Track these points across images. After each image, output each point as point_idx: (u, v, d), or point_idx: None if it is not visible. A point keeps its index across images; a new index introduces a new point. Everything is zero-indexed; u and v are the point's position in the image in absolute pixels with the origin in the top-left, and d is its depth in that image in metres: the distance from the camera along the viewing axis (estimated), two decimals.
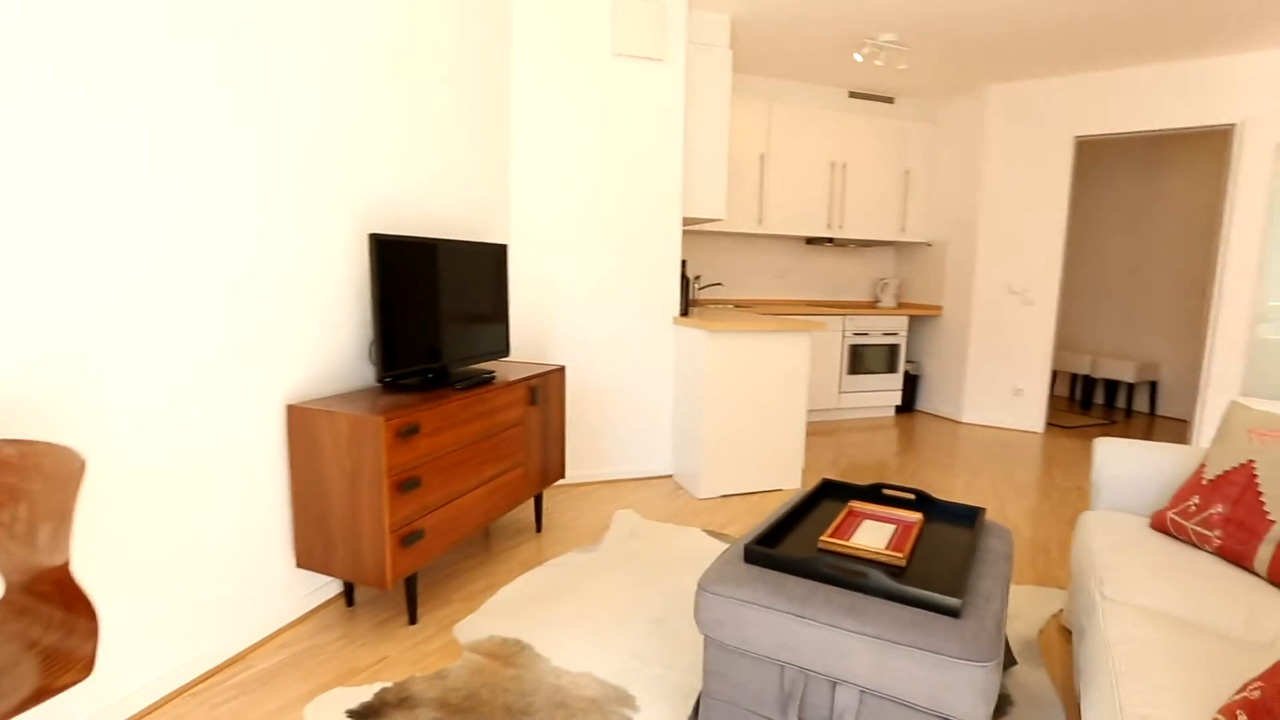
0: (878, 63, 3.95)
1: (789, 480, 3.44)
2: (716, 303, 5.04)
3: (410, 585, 2.06)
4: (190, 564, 1.74)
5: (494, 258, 2.69)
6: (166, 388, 1.65)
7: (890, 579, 1.32)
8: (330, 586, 2.22)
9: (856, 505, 1.80)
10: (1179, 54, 4.19)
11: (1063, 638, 2.07)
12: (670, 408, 3.59)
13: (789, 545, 1.60)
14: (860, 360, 5.11)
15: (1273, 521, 1.48)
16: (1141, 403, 5.95)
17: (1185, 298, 5.63)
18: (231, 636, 1.87)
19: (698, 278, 4.30)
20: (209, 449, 1.78)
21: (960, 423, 5.21)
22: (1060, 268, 4.81)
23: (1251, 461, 1.57)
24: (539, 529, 2.88)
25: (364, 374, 2.32)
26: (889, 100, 5.27)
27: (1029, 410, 5.00)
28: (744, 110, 4.67)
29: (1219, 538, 1.57)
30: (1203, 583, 1.42)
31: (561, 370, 2.87)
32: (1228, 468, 1.62)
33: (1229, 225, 4.28)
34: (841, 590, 1.35)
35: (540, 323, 3.31)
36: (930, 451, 4.30)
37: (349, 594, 2.18)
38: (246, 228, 1.85)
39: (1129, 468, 1.92)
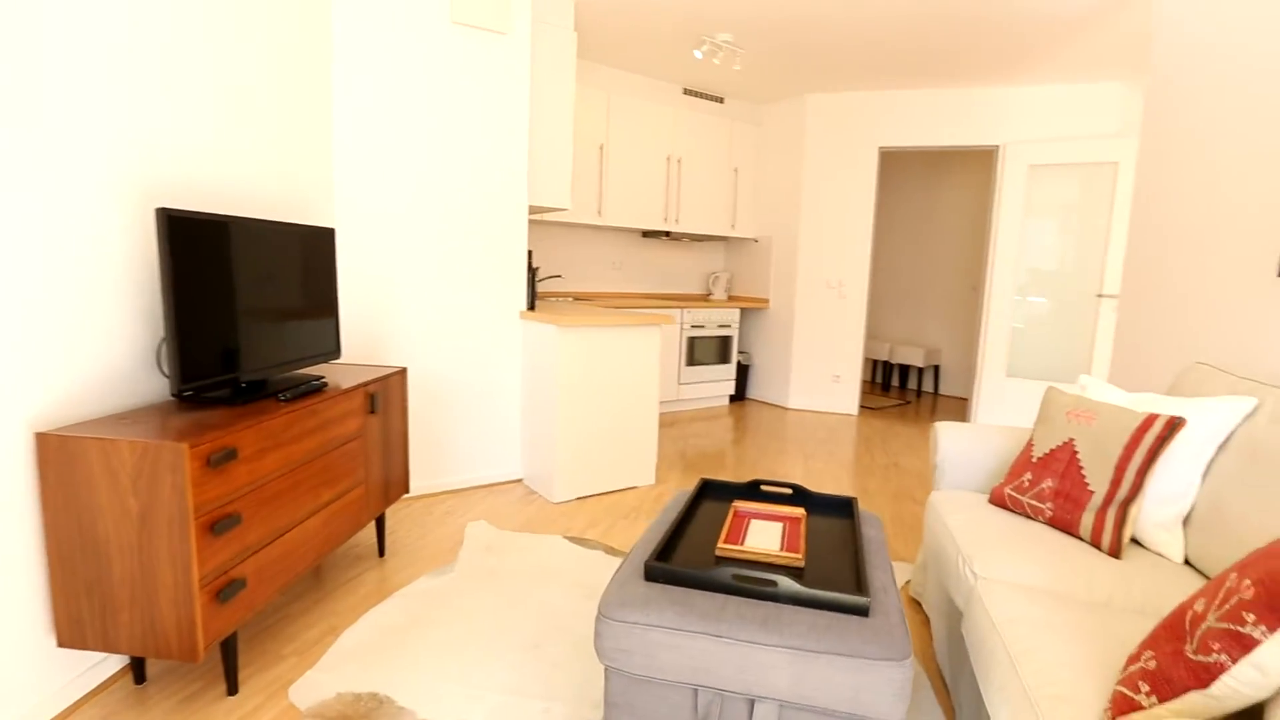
0: (715, 61, 4.03)
1: (644, 477, 3.40)
2: (556, 295, 4.88)
3: (228, 647, 1.69)
4: None
5: (320, 243, 2.31)
6: None
7: (797, 583, 1.29)
8: (110, 662, 1.76)
9: (740, 505, 1.77)
10: (961, 82, 4.78)
11: (913, 608, 2.23)
12: (519, 408, 3.38)
13: (685, 556, 1.52)
14: (697, 352, 5.25)
15: (1092, 492, 1.68)
16: (928, 384, 6.79)
17: (960, 292, 6.51)
18: None
19: (537, 269, 4.12)
20: None
21: (788, 409, 5.57)
22: (869, 265, 5.31)
23: (1072, 440, 1.77)
24: (382, 553, 2.55)
25: (153, 386, 1.86)
26: (719, 100, 5.45)
27: (846, 395, 5.47)
28: (585, 99, 4.55)
29: (1050, 509, 1.75)
30: (1048, 552, 1.57)
31: (403, 372, 2.55)
32: (1053, 446, 1.82)
33: (995, 232, 4.99)
34: (752, 601, 1.30)
35: (375, 318, 2.94)
36: (767, 438, 4.53)
37: (138, 668, 1.73)
38: None
39: (967, 449, 2.11)
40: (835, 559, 1.52)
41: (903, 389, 6.85)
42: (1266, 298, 1.99)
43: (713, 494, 1.94)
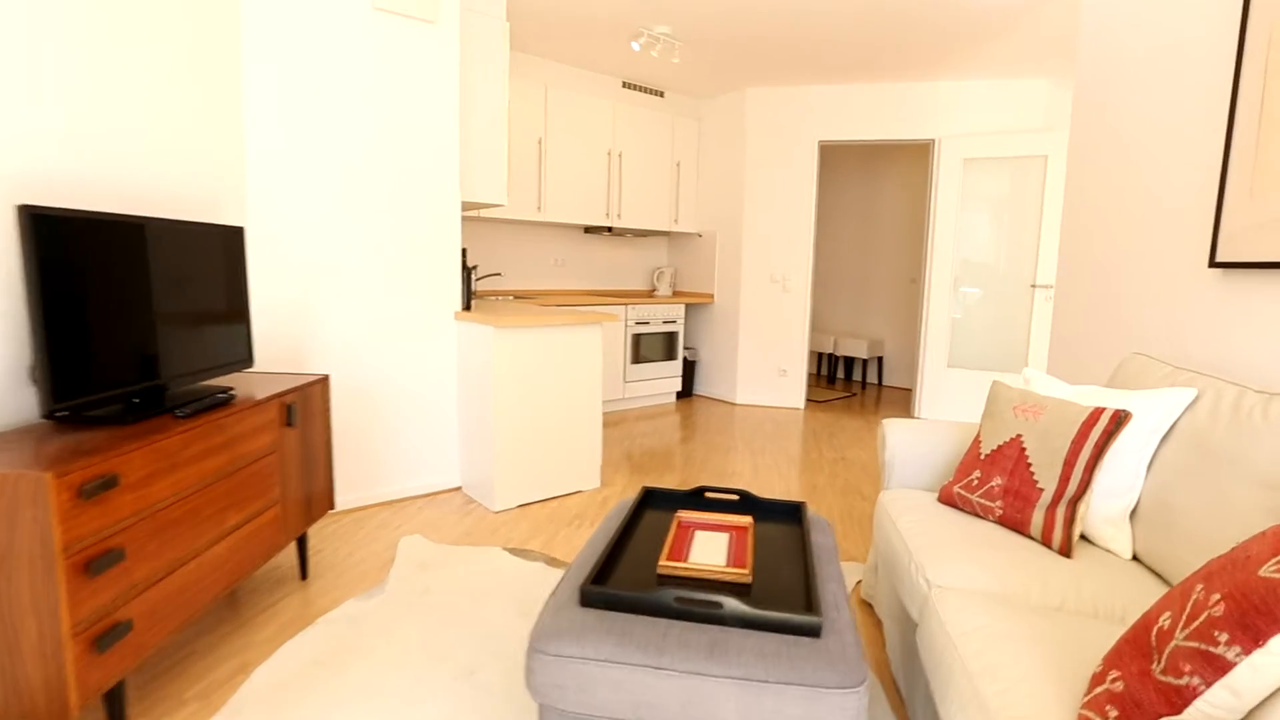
0: (654, 54, 3.93)
1: (588, 480, 3.29)
2: (496, 294, 4.71)
3: (114, 699, 1.50)
4: None
5: (226, 243, 2.11)
6: None
7: (743, 603, 1.20)
8: None
9: (684, 515, 1.67)
10: (897, 76, 4.82)
11: (865, 611, 2.19)
12: (456, 413, 3.22)
13: (625, 574, 1.42)
14: (642, 349, 5.15)
15: (1041, 489, 1.65)
16: (872, 375, 6.88)
17: (901, 284, 6.61)
18: None
19: (474, 267, 3.94)
20: None
21: (735, 404, 5.53)
22: (811, 258, 5.31)
23: (1020, 436, 1.74)
24: (305, 576, 2.36)
25: (21, 405, 1.64)
26: (659, 94, 5.36)
27: (792, 389, 5.47)
28: (521, 92, 4.38)
29: (1000, 508, 1.72)
30: (1000, 555, 1.52)
31: (324, 380, 2.37)
32: (1000, 442, 1.78)
33: (932, 224, 5.05)
34: (697, 626, 1.20)
35: (297, 323, 2.73)
36: (715, 435, 4.47)
37: None
38: None
39: (915, 446, 2.07)
40: (785, 571, 1.44)
41: (847, 381, 6.92)
42: (1199, 287, 2.01)
43: (656, 503, 1.84)
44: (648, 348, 5.19)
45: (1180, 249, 2.09)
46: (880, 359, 6.72)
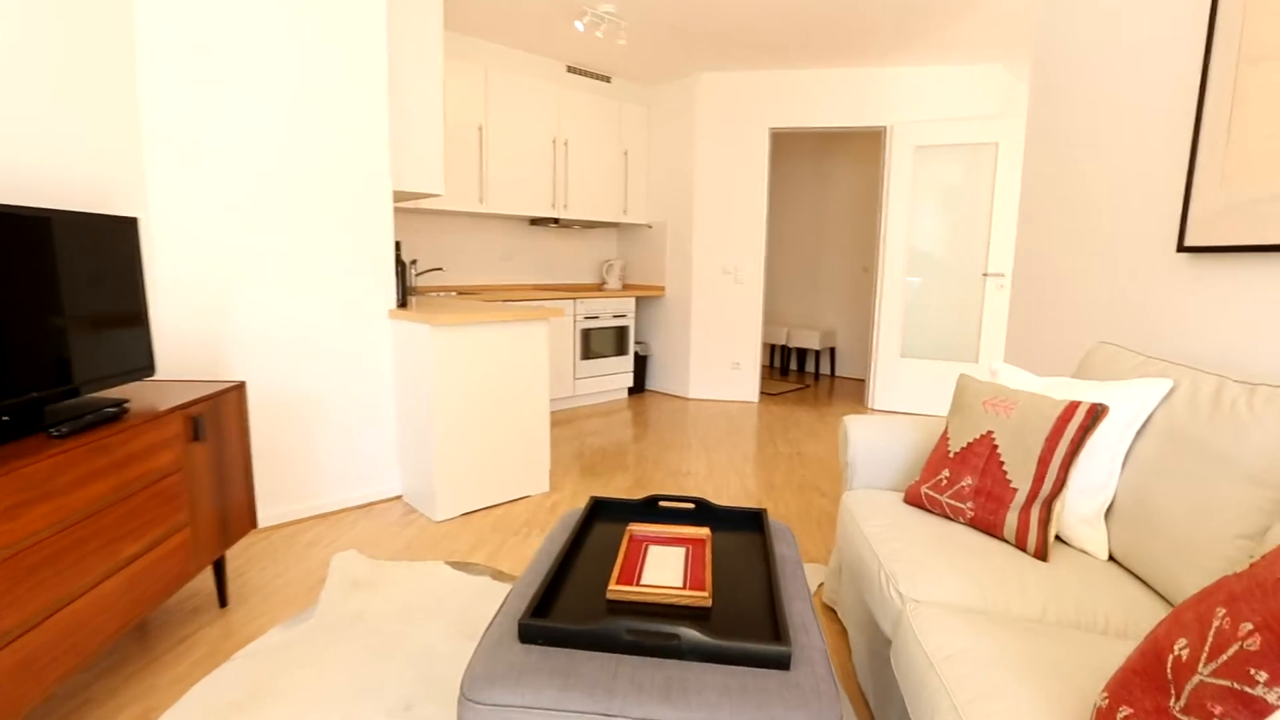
0: (599, 34, 3.76)
1: (536, 484, 3.12)
2: (438, 290, 4.48)
3: None
4: None
5: (115, 237, 1.86)
6: None
7: (703, 632, 1.07)
8: None
9: (636, 529, 1.53)
10: (849, 62, 4.76)
11: (828, 616, 2.09)
12: (394, 416, 3.00)
13: (570, 602, 1.27)
14: (592, 344, 4.99)
15: (1015, 489, 1.57)
16: (825, 366, 6.88)
17: (853, 274, 6.61)
18: None
19: (414, 262, 3.72)
20: None
21: (688, 399, 5.43)
22: (764, 249, 5.23)
23: (991, 432, 1.66)
24: (224, 603, 2.14)
25: None
26: (606, 79, 5.19)
27: (746, 382, 5.40)
28: (459, 74, 4.15)
29: (971, 509, 1.63)
30: (975, 562, 1.43)
31: (240, 388, 2.14)
32: (970, 439, 1.70)
33: (885, 213, 5.03)
34: (652, 661, 1.06)
35: (210, 326, 2.48)
36: (668, 432, 4.35)
37: None
38: None
39: (877, 443, 1.98)
40: (747, 590, 1.31)
41: (800, 372, 6.90)
42: (1168, 273, 1.97)
43: (606, 514, 1.69)
44: (598, 343, 5.03)
45: (1147, 234, 2.05)
46: (833, 350, 6.72)
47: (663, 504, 1.70)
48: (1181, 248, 1.94)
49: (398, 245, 2.97)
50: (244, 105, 2.47)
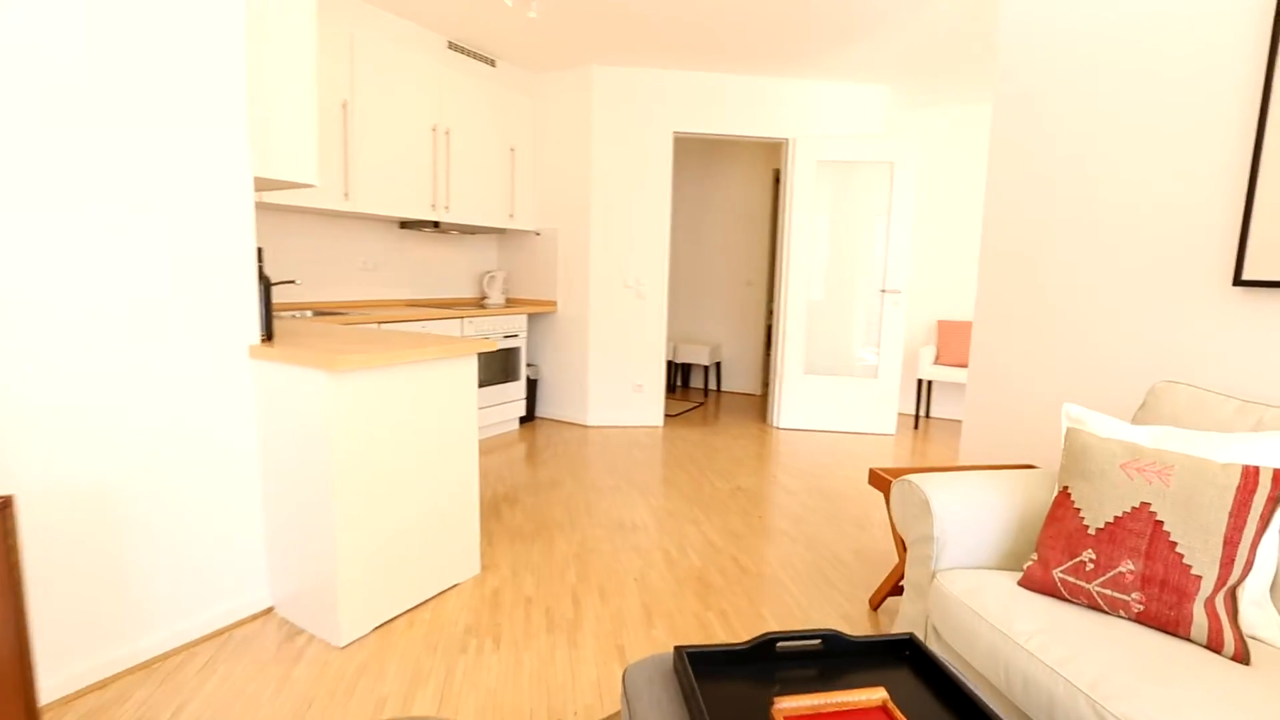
0: (509, 2, 3.10)
1: (466, 566, 2.41)
2: (289, 309, 3.51)
3: None
4: None
5: None
6: None
7: None
8: None
9: (786, 707, 1.00)
10: (751, 69, 4.51)
11: None
12: (257, 498, 2.14)
13: None
14: (481, 369, 4.26)
15: (1198, 577, 1.27)
16: (712, 382, 6.66)
17: (736, 286, 6.45)
18: None
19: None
20: None
21: (588, 427, 4.87)
22: (667, 260, 4.83)
23: (1147, 505, 1.35)
24: None
25: None
26: (491, 62, 4.48)
27: (649, 405, 4.96)
28: (318, 35, 3.24)
29: (1140, 602, 1.31)
30: (1186, 672, 1.12)
31: (4, 505, 1.26)
32: (1118, 513, 1.38)
33: (788, 227, 4.87)
34: None
35: None
36: (584, 470, 3.78)
37: None
38: None
39: (966, 513, 1.61)
40: None
41: (686, 388, 6.62)
42: (1224, 305, 1.83)
43: (708, 672, 1.14)
44: (486, 368, 4.31)
45: (1183, 265, 1.91)
46: (719, 364, 6.52)
47: (782, 646, 1.18)
48: (1238, 281, 1.81)
49: (259, 253, 2.11)
50: (21, 80, 1.54)
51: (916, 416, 5.52)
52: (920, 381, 5.46)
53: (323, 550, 1.97)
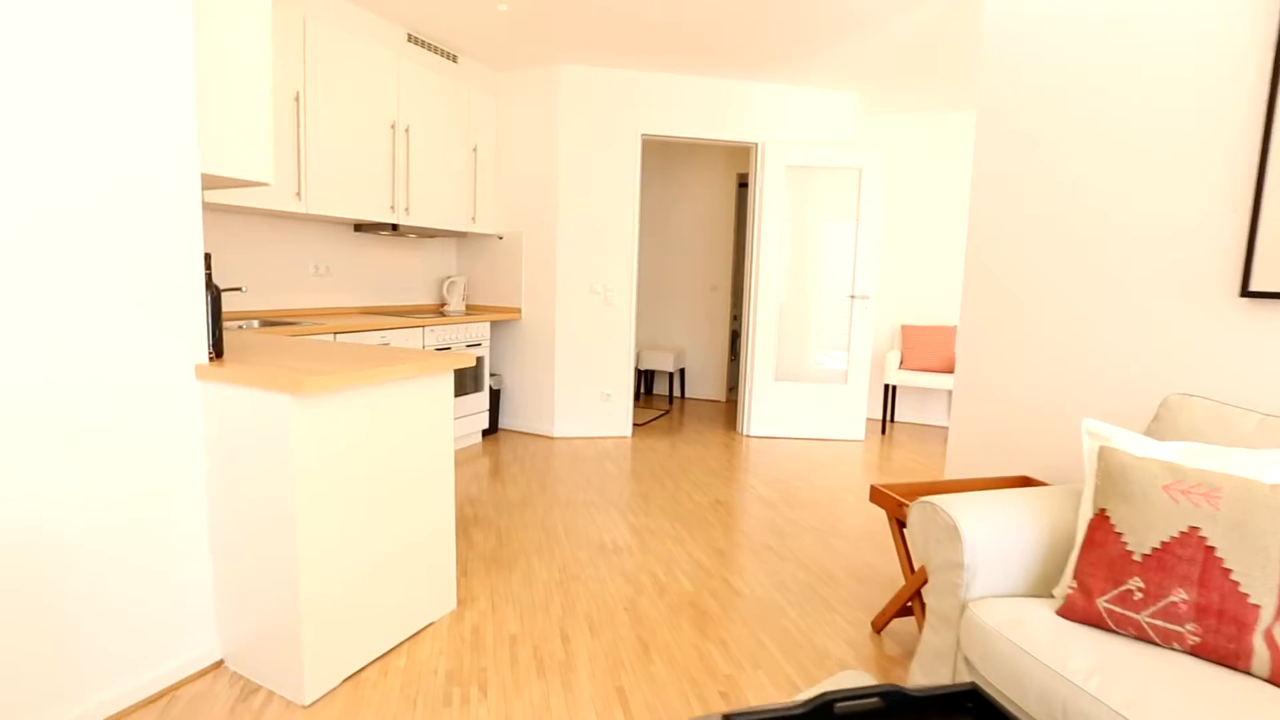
0: None
1: (441, 603, 2.21)
2: (234, 319, 3.22)
3: None
4: None
5: None
6: None
7: None
8: None
9: None
10: (719, 71, 4.42)
11: None
12: (204, 538, 1.90)
13: None
14: None
15: (1257, 606, 1.20)
16: (676, 389, 6.55)
17: (700, 292, 6.36)
18: None
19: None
20: None
21: (554, 438, 4.69)
22: (635, 266, 4.70)
23: (1197, 529, 1.28)
24: None
25: None
26: (453, 58, 4.26)
27: (617, 415, 4.81)
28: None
29: (1195, 633, 1.23)
30: (1249, 713, 1.04)
31: None
32: (1165, 538, 1.31)
33: (758, 232, 4.80)
34: None
35: None
36: (556, 485, 3.60)
37: None
38: None
39: (997, 539, 1.52)
40: None
41: (650, 395, 6.49)
42: (1231, 316, 1.81)
43: None
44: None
45: (1188, 275, 1.88)
46: (683, 371, 6.41)
47: (840, 707, 1.05)
48: (1245, 292, 1.79)
49: (207, 259, 1.87)
50: None
51: (884, 422, 5.54)
52: (887, 386, 5.47)
53: (284, 594, 1.75)
